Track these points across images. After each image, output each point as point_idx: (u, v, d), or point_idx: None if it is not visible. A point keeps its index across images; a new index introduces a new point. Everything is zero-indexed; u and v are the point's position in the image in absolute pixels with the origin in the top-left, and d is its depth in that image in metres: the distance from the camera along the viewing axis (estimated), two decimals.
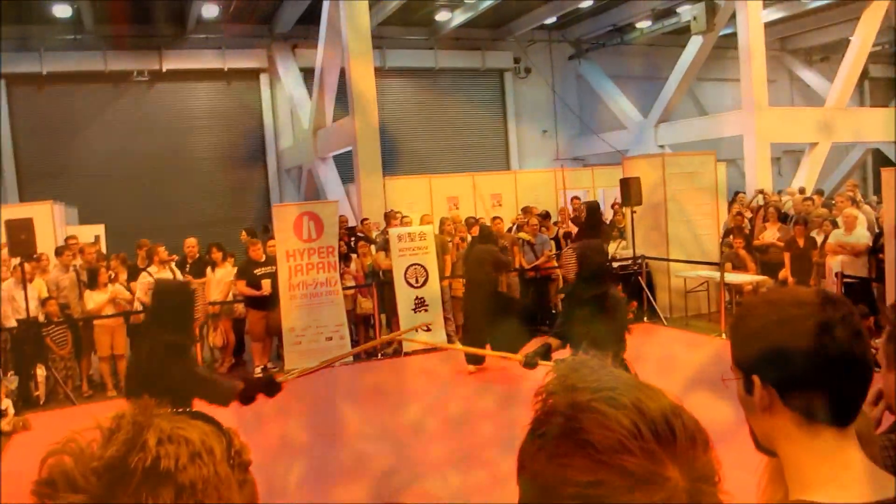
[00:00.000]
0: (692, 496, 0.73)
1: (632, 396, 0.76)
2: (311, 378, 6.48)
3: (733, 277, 10.36)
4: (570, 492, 0.72)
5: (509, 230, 11.60)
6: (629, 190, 10.77)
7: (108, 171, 18.59)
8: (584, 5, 18.67)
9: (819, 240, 9.82)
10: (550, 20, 19.84)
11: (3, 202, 16.43)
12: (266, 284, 9.34)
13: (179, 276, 9.42)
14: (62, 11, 16.25)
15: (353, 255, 10.37)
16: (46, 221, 11.04)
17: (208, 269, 9.79)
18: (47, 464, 0.71)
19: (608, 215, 13.36)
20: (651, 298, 11.00)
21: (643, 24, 20.13)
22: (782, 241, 10.56)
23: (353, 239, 11.13)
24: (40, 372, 8.61)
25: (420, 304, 9.75)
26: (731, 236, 11.40)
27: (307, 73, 17.92)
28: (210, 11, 17.16)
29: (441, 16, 19.09)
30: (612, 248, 11.29)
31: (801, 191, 14.55)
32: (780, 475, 1.19)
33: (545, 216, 11.89)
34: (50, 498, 0.70)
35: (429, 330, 9.70)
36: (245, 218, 19.72)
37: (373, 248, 10.79)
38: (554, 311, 10.09)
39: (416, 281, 9.68)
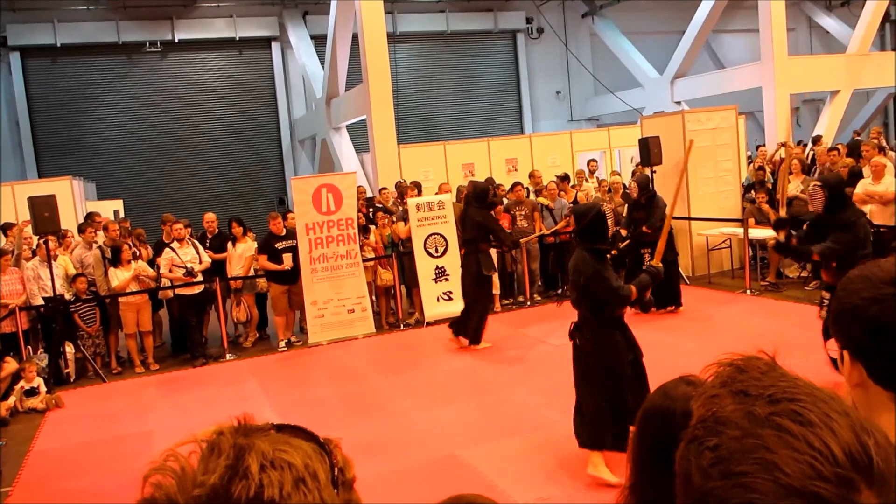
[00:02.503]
0: None
1: (818, 411, 0.67)
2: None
3: (757, 233, 10.24)
4: None
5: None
6: (649, 150, 10.62)
7: (123, 144, 18.66)
8: None
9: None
10: None
11: (22, 178, 16.54)
12: (287, 259, 9.35)
13: (202, 250, 9.44)
14: None
15: (372, 227, 10.34)
16: (67, 197, 11.08)
17: (229, 244, 9.81)
18: (149, 482, 0.69)
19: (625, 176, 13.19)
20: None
21: None
22: (806, 193, 10.39)
23: (371, 210, 11.09)
24: (69, 350, 8.73)
25: (441, 274, 9.73)
26: (753, 191, 11.24)
27: (319, 41, 17.74)
28: None
29: None
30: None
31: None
32: None
33: (563, 178, 11.77)
34: None
35: (450, 300, 9.70)
36: (259, 190, 19.77)
37: (392, 217, 10.76)
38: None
39: (436, 250, 9.65)
